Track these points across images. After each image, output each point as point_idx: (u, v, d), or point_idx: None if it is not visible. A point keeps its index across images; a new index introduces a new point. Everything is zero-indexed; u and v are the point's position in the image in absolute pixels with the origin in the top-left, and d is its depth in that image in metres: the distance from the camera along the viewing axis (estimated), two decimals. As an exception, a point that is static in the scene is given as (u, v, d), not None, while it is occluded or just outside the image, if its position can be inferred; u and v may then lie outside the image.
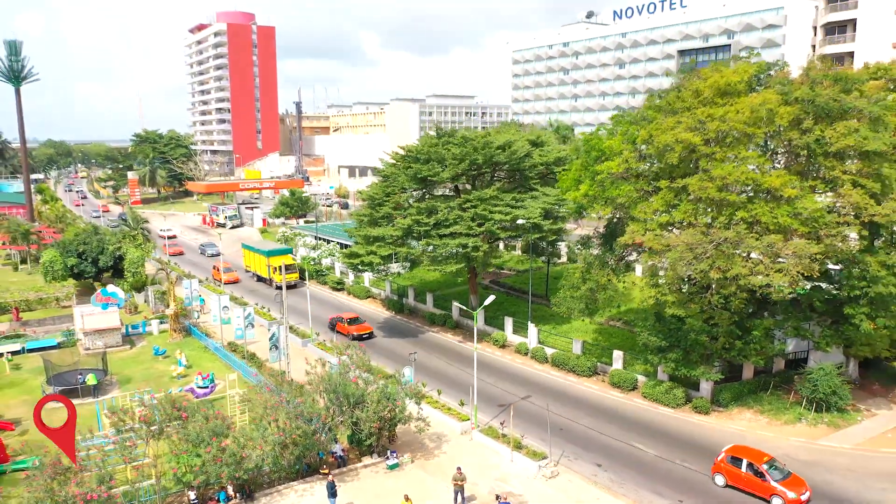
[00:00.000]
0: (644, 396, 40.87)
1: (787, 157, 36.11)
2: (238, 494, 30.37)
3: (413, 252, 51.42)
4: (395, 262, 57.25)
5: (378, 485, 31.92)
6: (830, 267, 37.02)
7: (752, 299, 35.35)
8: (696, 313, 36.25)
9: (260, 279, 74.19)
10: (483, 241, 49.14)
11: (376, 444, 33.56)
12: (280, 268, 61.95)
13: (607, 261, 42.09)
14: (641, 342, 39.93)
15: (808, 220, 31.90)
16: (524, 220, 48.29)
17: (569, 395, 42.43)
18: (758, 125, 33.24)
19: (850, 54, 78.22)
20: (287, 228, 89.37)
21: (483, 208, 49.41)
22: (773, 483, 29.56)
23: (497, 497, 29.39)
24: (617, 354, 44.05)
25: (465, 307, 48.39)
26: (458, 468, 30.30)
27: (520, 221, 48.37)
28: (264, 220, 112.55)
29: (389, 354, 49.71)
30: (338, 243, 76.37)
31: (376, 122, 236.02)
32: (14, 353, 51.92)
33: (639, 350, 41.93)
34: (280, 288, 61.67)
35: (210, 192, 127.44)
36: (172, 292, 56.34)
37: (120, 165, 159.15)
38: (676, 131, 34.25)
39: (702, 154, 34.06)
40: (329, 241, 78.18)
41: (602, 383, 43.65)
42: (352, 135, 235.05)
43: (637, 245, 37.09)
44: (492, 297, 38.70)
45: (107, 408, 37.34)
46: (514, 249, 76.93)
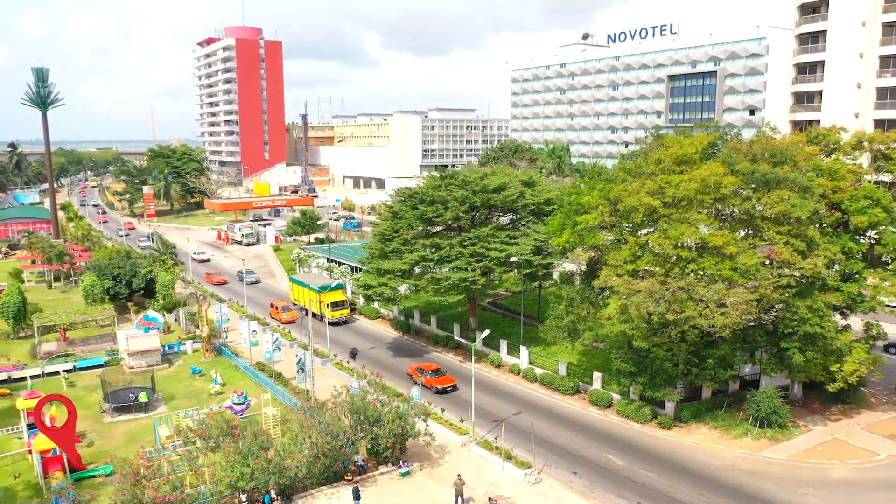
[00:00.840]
0: (618, 413, 47.81)
1: (731, 219, 43.04)
2: (279, 497, 37.30)
3: (419, 284, 58.27)
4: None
5: (393, 490, 38.87)
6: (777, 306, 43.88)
7: (704, 334, 42.19)
8: (660, 344, 43.18)
9: (309, 313, 73.23)
10: (481, 275, 56.11)
11: (391, 455, 40.53)
12: (331, 304, 69.60)
13: (587, 295, 49.01)
14: (615, 367, 46.93)
15: (747, 272, 38.83)
16: (517, 258, 55.25)
17: (553, 411, 49.36)
18: (707, 192, 40.19)
19: (820, 92, 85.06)
20: (301, 250, 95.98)
21: (481, 246, 56.39)
22: None
23: (490, 499, 36.31)
24: (596, 376, 51.00)
25: (468, 327, 55.34)
26: (459, 475, 37.26)
27: (513, 259, 55.34)
28: (276, 237, 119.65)
29: (399, 373, 56.66)
30: (349, 266, 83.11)
31: (380, 134, 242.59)
32: (67, 371, 59.00)
33: (614, 373, 48.88)
34: (333, 324, 67.92)
35: (226, 210, 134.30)
36: (205, 317, 63.38)
37: (136, 180, 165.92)
38: (640, 195, 41.23)
39: (661, 215, 41.03)
40: (341, 264, 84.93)
41: (583, 401, 50.58)
42: (356, 147, 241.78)
43: (610, 286, 43.95)
44: (486, 332, 45.67)
45: (171, 424, 44.23)
46: (511, 270, 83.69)
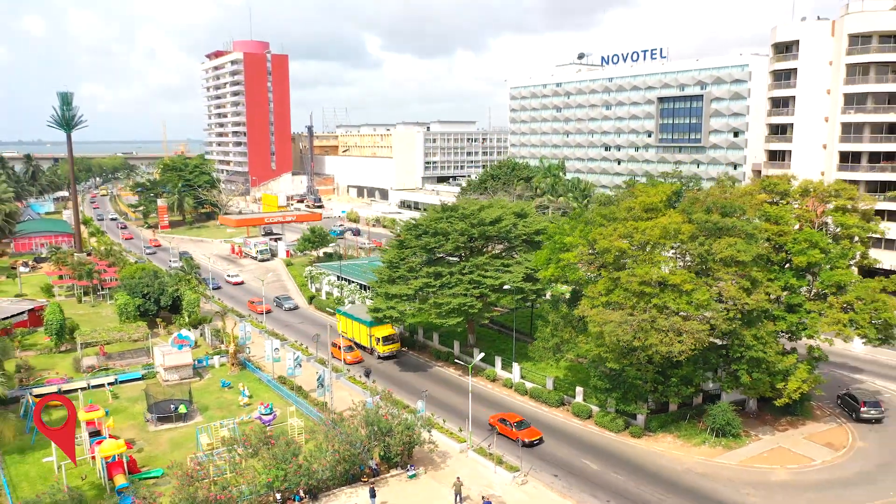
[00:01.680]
0: (596, 423, 55.07)
1: (688, 261, 50.29)
2: (307, 496, 44.58)
3: (423, 307, 65.52)
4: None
5: (402, 489, 46.14)
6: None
7: (667, 356, 49.42)
8: (630, 365, 50.46)
9: (358, 345, 74.76)
10: (477, 299, 63.42)
11: (400, 460, 47.83)
12: (382, 338, 71.31)
13: (570, 320, 56.26)
14: (592, 384, 54.24)
15: (700, 306, 46.12)
16: (509, 286, 62.55)
17: (540, 421, 56.57)
18: (667, 237, 47.50)
19: (791, 125, 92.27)
20: (313, 267, 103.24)
21: (478, 274, 63.72)
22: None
23: (483, 498, 43.56)
24: (578, 390, 58.26)
25: (467, 343, 62.58)
26: (458, 477, 44.53)
27: (506, 287, 62.65)
28: (287, 252, 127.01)
29: (405, 385, 63.94)
30: (358, 284, 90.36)
31: (383, 144, 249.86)
32: (110, 384, 66.26)
33: (592, 389, 56.15)
34: (382, 358, 70.94)
35: (240, 226, 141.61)
36: (232, 334, 70.72)
37: (151, 193, 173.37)
38: (613, 238, 48.56)
39: (629, 256, 48.34)
40: (351, 282, 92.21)
41: (566, 412, 57.85)
42: (360, 157, 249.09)
43: (587, 316, 51.16)
44: (481, 355, 53.09)
45: (210, 433, 51.48)
46: (505, 295, 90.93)
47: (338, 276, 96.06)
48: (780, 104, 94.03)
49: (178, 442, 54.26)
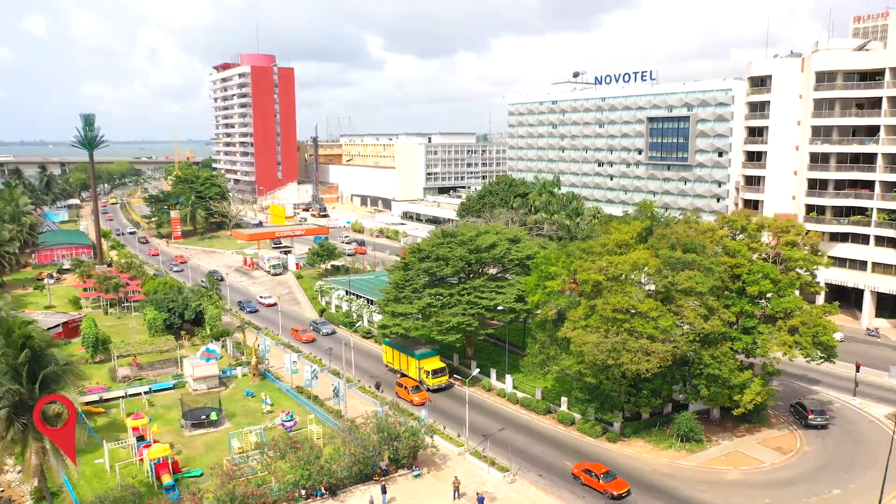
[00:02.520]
0: (578, 430, 62.69)
1: (655, 291, 57.93)
2: (328, 492, 52.25)
3: (426, 325, 73.12)
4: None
5: (408, 487, 53.79)
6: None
7: (637, 373, 57.03)
8: (607, 379, 58.08)
9: (404, 375, 75.39)
10: (474, 319, 71.09)
11: (406, 461, 55.50)
12: (432, 371, 71.86)
13: (556, 339, 63.85)
14: (574, 396, 61.90)
15: (664, 331, 53.78)
16: (503, 306, 70.24)
17: (530, 427, 64.23)
18: (637, 270, 55.19)
19: (765, 153, 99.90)
20: (323, 282, 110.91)
21: (475, 295, 71.40)
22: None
23: (478, 494, 51.18)
24: (563, 400, 65.90)
25: (466, 355, 70.26)
26: (456, 476, 52.19)
27: (500, 308, 70.32)
28: (297, 264, 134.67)
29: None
30: (366, 299, 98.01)
31: (385, 154, 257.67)
32: (145, 393, 73.86)
33: (574, 399, 63.81)
34: (432, 390, 71.40)
35: (252, 240, 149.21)
36: (254, 347, 78.41)
37: (165, 205, 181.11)
38: (590, 271, 56.25)
39: (604, 286, 55.99)
40: (359, 297, 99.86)
41: (553, 420, 65.49)
42: (364, 167, 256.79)
43: (569, 337, 58.81)
44: (477, 370, 60.65)
45: (240, 438, 59.06)
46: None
47: (346, 291, 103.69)
48: (756, 133, 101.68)
49: (211, 445, 61.92)
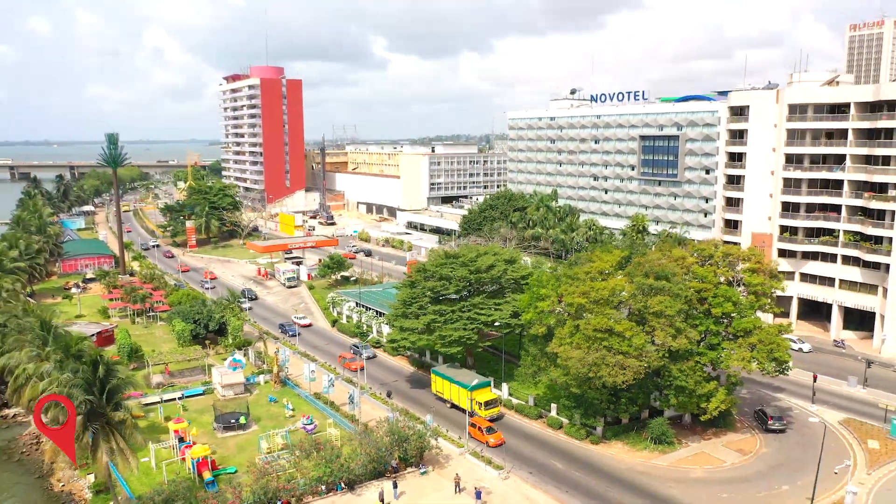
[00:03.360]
0: (565, 433, 70.98)
1: (631, 313, 66.23)
2: (347, 486, 60.59)
3: (431, 339, 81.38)
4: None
5: (416, 483, 62.10)
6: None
7: (615, 384, 65.30)
8: (589, 389, 66.35)
9: (454, 406, 77.31)
10: (474, 333, 79.40)
11: (414, 460, 63.85)
12: (485, 403, 72.82)
13: (546, 352, 72.13)
14: (562, 403, 70.23)
15: (638, 348, 62.07)
16: (499, 322, 78.57)
17: (523, 431, 72.53)
18: (615, 295, 63.47)
19: (743, 176, 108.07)
20: (335, 294, 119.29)
21: (474, 312, 79.72)
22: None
23: (476, 488, 59.45)
24: (553, 406, 74.19)
25: (466, 364, 78.54)
26: (457, 473, 60.56)
27: (496, 324, 78.65)
28: (309, 275, 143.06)
29: (416, 401, 79.89)
30: (375, 311, 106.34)
31: (390, 163, 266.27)
32: (179, 399, 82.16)
33: (562, 406, 72.14)
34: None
35: (266, 252, 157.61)
36: (275, 357, 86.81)
37: (180, 216, 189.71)
38: (574, 295, 64.58)
39: (587, 309, 64.33)
40: (368, 309, 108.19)
41: (543, 424, 73.77)
42: (369, 176, 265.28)
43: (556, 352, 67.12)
44: (476, 381, 68.95)
45: (268, 440, 67.34)
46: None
47: (356, 303, 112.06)
48: (735, 158, 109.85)
49: (241, 446, 70.31)
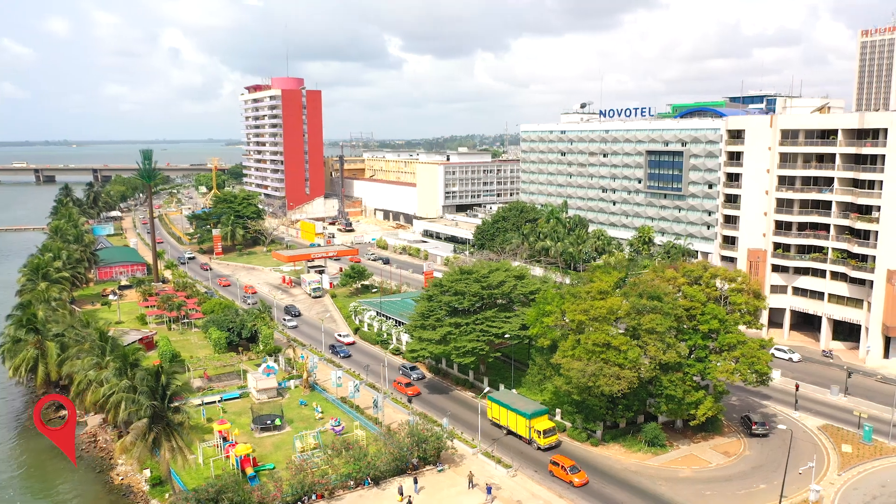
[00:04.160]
0: (568, 436, 78.64)
1: (626, 329, 73.78)
2: (373, 482, 68.61)
3: (447, 349, 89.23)
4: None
5: (434, 479, 70.02)
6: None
7: (612, 392, 72.82)
8: (590, 396, 73.99)
9: (510, 433, 78.85)
10: (486, 344, 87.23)
11: (432, 459, 71.81)
12: (543, 431, 74.40)
13: (551, 362, 79.78)
14: (565, 408, 77.98)
15: (632, 361, 69.67)
16: (508, 335, 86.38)
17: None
18: (612, 313, 71.10)
19: (739, 196, 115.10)
20: (357, 303, 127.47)
21: (486, 325, 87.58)
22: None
23: (487, 484, 67.24)
24: (558, 411, 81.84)
25: (479, 370, 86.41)
26: (470, 471, 68.47)
27: (506, 336, 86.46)
28: (331, 284, 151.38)
29: (434, 405, 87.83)
30: (395, 320, 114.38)
31: (406, 171, 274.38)
32: (219, 402, 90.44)
33: (565, 411, 79.85)
34: (542, 449, 74.13)
35: (290, 261, 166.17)
36: (305, 364, 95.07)
37: (206, 224, 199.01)
38: (575, 312, 72.27)
39: (587, 325, 72.00)
40: (388, 318, 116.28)
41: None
42: (386, 183, 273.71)
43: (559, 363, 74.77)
44: (487, 389, 76.78)
45: (302, 440, 75.46)
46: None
47: (377, 312, 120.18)
48: (733, 178, 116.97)
49: (277, 445, 78.51)
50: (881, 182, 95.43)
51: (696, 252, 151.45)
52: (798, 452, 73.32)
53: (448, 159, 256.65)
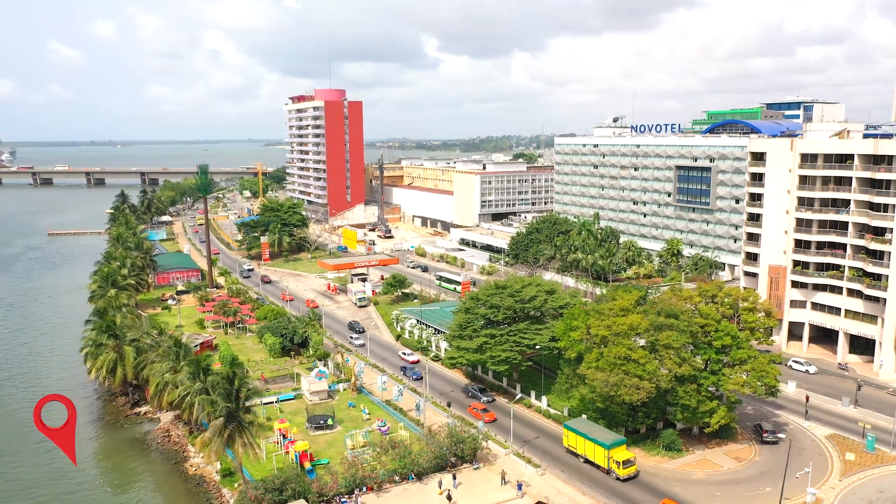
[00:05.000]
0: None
1: (645, 343, 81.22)
2: (416, 477, 77.20)
3: (482, 358, 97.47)
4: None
5: (470, 476, 78.36)
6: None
7: (632, 401, 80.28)
8: (612, 404, 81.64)
9: (587, 462, 79.59)
10: (519, 354, 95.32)
11: (469, 458, 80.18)
12: (623, 462, 74.85)
13: (577, 372, 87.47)
14: (589, 415, 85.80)
15: (650, 373, 77.21)
16: (539, 346, 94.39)
17: (557, 436, 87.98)
18: (632, 329, 78.73)
19: (761, 214, 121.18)
20: (399, 312, 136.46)
21: (519, 336, 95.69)
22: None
23: (517, 482, 75.37)
24: (583, 417, 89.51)
25: (512, 377, 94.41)
26: (503, 469, 76.74)
27: (537, 347, 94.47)
28: (374, 291, 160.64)
29: (465, 406, 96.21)
30: (434, 329, 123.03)
31: (444, 178, 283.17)
32: (276, 402, 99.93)
33: (590, 417, 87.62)
34: (621, 479, 74.76)
35: (336, 270, 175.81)
36: (352, 368, 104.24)
37: (254, 232, 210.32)
38: (599, 328, 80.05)
39: (609, 339, 79.73)
40: (428, 326, 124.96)
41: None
42: (424, 191, 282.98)
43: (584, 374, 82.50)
44: (519, 395, 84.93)
45: (353, 438, 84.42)
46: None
47: (417, 320, 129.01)
48: (755, 198, 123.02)
49: (330, 442, 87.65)
50: (894, 206, 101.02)
51: (724, 264, 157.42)
52: (803, 459, 79.98)
53: (484, 168, 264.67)
